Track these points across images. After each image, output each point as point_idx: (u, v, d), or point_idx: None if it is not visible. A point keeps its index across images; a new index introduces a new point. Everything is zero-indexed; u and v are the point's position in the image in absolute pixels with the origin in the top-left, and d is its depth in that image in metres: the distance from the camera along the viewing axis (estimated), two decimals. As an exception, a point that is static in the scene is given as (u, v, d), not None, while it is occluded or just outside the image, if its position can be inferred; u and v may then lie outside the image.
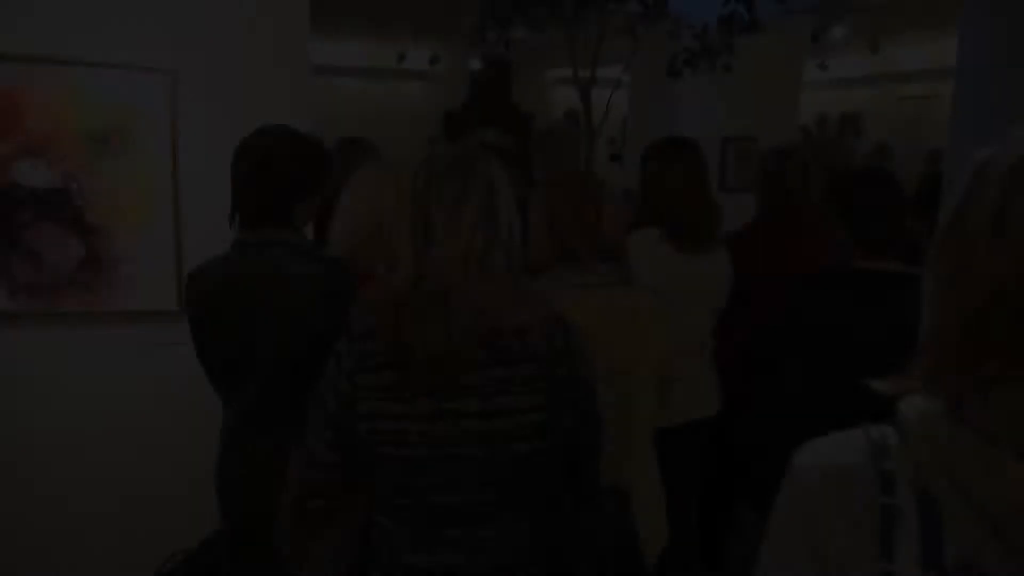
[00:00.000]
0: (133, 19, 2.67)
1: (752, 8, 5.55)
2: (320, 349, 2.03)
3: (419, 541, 1.49)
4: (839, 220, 2.61)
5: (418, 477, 1.47)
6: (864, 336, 2.52)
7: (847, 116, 13.27)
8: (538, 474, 1.52)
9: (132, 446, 2.87)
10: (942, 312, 0.80)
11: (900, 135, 12.31)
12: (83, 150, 2.64)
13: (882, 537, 0.75)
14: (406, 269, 1.44)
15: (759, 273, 3.03)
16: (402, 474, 1.48)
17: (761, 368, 2.86)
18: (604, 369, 2.04)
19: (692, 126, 7.87)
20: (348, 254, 2.51)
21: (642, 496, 2.17)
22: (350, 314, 1.56)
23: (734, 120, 7.87)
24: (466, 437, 1.45)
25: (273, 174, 2.03)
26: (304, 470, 1.57)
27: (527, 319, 1.48)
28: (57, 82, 2.58)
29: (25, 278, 2.66)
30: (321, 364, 2.03)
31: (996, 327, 0.71)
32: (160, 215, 2.73)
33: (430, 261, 1.42)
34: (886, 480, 0.78)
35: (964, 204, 0.77)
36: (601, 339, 2.02)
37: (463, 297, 1.42)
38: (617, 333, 2.05)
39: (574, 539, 1.61)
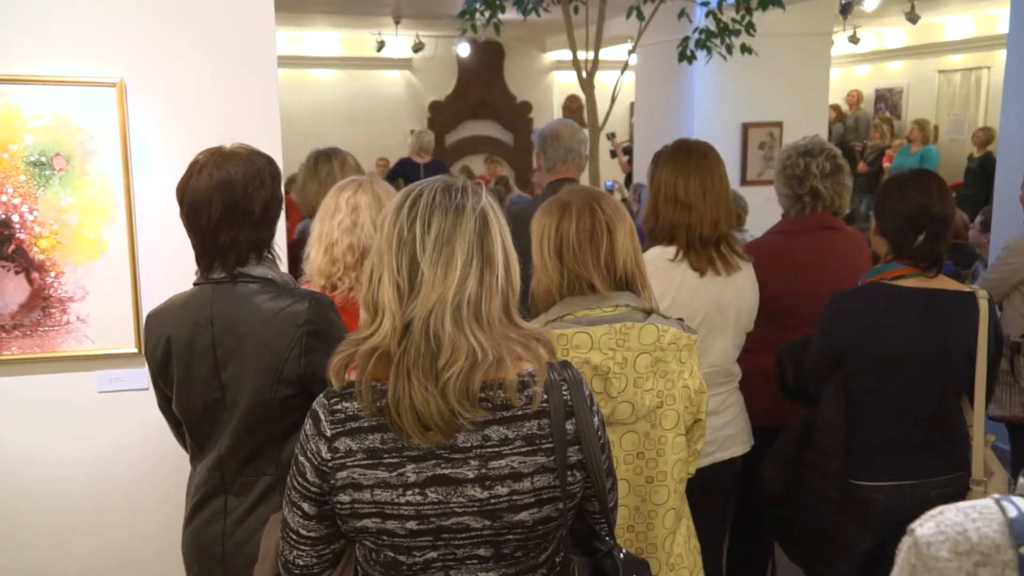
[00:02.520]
0: (69, 26, 2.65)
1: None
2: (303, 396, 2.03)
3: (412, 624, 1.48)
4: (881, 233, 2.61)
5: (409, 554, 1.45)
6: (915, 360, 2.52)
7: (883, 93, 13.28)
8: (546, 545, 1.51)
9: (86, 506, 2.85)
10: None
11: (943, 112, 12.33)
12: (24, 176, 2.64)
13: None
14: (390, 318, 1.43)
15: (787, 290, 3.03)
16: (391, 551, 1.46)
17: (795, 395, 2.86)
18: (625, 414, 2.04)
19: (707, 111, 7.89)
20: (326, 286, 2.51)
21: (673, 559, 2.16)
22: (327, 367, 1.54)
23: (755, 103, 7.88)
24: (463, 508, 1.44)
25: (250, 207, 2.02)
26: (281, 544, 1.56)
27: (529, 370, 1.47)
28: (-9, 100, 2.58)
29: (-38, 321, 2.66)
30: (304, 412, 2.03)
31: None
32: (114, 245, 2.72)
33: (417, 309, 1.41)
34: None
35: None
36: (620, 380, 2.03)
37: (456, 349, 1.40)
38: (638, 372, 2.03)
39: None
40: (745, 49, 5.82)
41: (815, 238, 3.15)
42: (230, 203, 2.00)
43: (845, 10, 6.91)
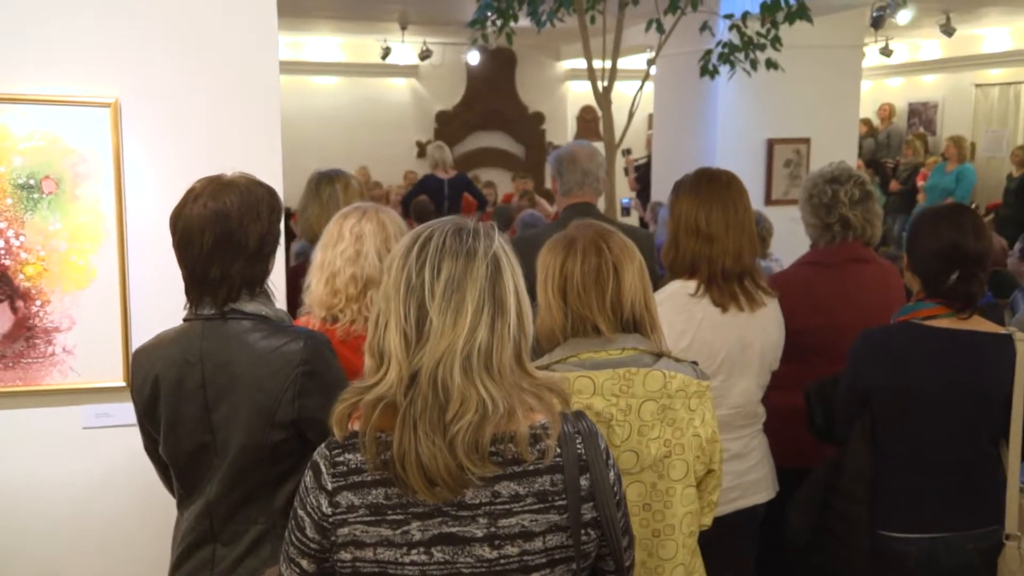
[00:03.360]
0: (62, 44, 2.68)
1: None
2: (297, 440, 2.04)
3: None
4: (912, 271, 2.62)
5: None
6: (947, 405, 2.52)
7: (916, 107, 13.29)
8: (559, 608, 1.51)
9: (69, 550, 2.85)
10: None
11: (980, 129, 12.33)
12: (11, 199, 2.67)
13: None
14: (397, 367, 1.44)
15: (814, 325, 3.03)
16: None
17: (824, 436, 2.86)
18: (629, 464, 2.04)
19: (730, 125, 7.90)
20: (327, 318, 2.52)
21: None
22: (322, 410, 1.56)
23: (781, 118, 7.89)
24: (471, 568, 1.44)
25: (244, 241, 2.02)
26: None
27: (542, 422, 1.48)
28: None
29: (-57, 351, 2.68)
30: (298, 457, 2.04)
31: None
32: (103, 273, 2.74)
33: (425, 358, 1.43)
34: None
35: None
36: (623, 428, 2.03)
37: (465, 401, 1.41)
38: (643, 420, 2.04)
39: None
40: (771, 64, 5.85)
41: (845, 271, 3.16)
42: (223, 235, 2.01)
43: (877, 23, 6.93)
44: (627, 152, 9.74)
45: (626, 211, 9.28)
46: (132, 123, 2.75)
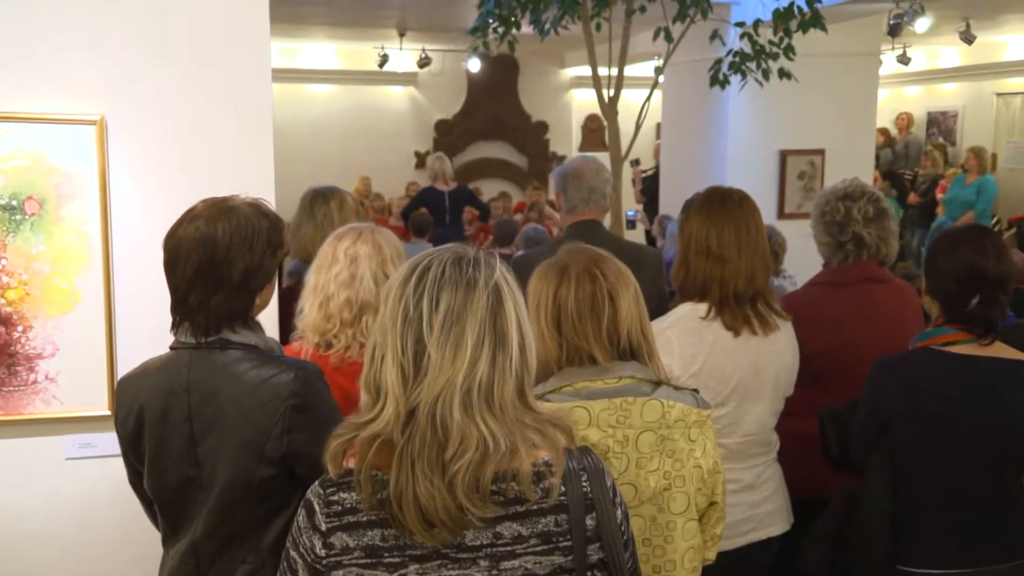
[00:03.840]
0: (45, 59, 2.69)
1: (812, -1, 5.60)
2: (286, 476, 2.03)
3: None
4: (931, 294, 2.62)
5: None
6: (968, 434, 2.51)
7: (935, 116, 13.31)
8: (562, 657, 1.50)
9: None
10: None
11: (1001, 139, 12.33)
12: (-8, 220, 2.68)
13: None
14: (393, 403, 1.44)
15: (828, 348, 3.02)
16: None
17: (841, 466, 2.85)
18: (627, 498, 2.03)
19: (741, 136, 7.91)
20: (320, 343, 2.52)
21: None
22: (313, 445, 1.55)
23: (794, 128, 7.90)
24: None
25: (227, 272, 2.01)
26: None
27: (545, 459, 1.48)
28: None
29: (-79, 378, 2.68)
30: (287, 494, 2.04)
31: None
32: (88, 297, 2.74)
33: (423, 394, 1.42)
34: None
35: None
36: (620, 460, 2.02)
37: (465, 439, 1.41)
38: (641, 452, 2.03)
39: None
40: (784, 74, 5.86)
41: (859, 291, 3.15)
42: (206, 262, 2.00)
43: (894, 31, 6.93)
44: (636, 163, 9.76)
45: (631, 224, 9.27)
46: (118, 140, 2.75)
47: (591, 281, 2.07)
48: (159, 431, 2.06)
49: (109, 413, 2.72)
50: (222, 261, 2.01)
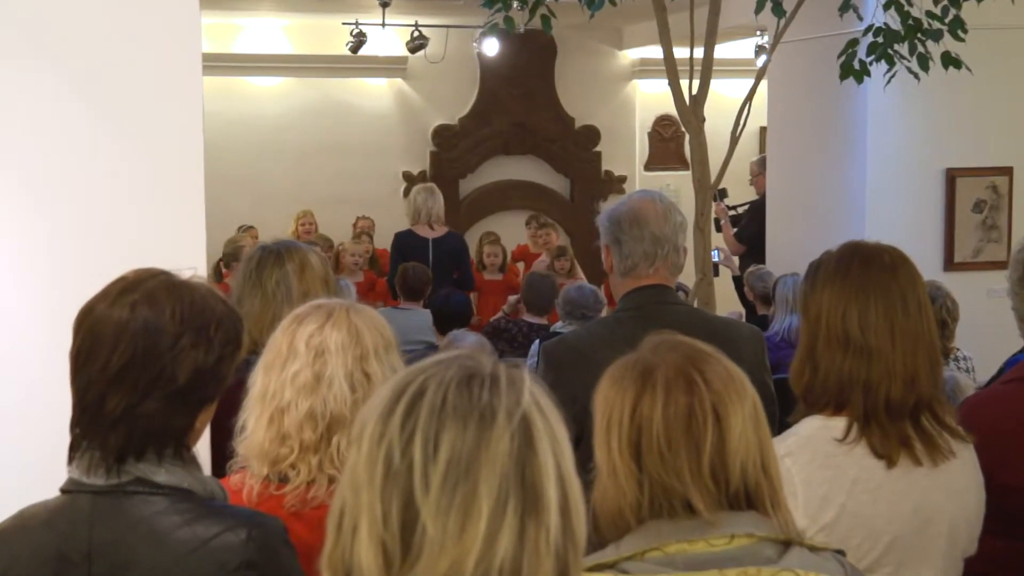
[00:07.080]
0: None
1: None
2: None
3: None
4: None
5: None
6: None
7: None
8: None
9: None
10: None
11: None
12: None
13: None
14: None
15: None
16: None
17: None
18: None
19: (886, 147, 7.85)
20: (271, 476, 2.50)
21: None
22: None
23: (966, 137, 7.86)
24: None
25: (171, 370, 2.04)
26: None
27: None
28: None
29: None
30: None
31: None
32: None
33: None
34: None
35: None
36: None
37: None
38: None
39: None
40: (949, 61, 5.85)
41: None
42: (144, 353, 2.03)
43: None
44: (721, 195, 9.52)
45: (715, 265, 8.98)
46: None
47: (687, 391, 2.05)
48: None
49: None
50: (165, 354, 2.01)
